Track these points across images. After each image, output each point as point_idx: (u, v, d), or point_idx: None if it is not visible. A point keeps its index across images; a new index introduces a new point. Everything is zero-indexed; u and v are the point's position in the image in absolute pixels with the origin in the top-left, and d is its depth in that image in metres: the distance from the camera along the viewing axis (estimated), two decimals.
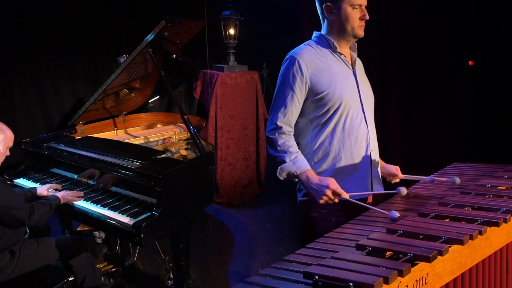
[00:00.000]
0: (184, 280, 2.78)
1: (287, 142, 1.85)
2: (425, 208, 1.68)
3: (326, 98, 1.85)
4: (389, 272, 1.14)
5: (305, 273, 1.19)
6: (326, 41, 1.92)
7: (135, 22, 4.52)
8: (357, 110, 1.92)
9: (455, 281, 1.43)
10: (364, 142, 1.94)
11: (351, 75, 1.94)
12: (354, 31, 1.86)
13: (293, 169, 1.81)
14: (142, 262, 3.31)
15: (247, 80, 4.58)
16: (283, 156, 1.83)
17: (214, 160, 3.00)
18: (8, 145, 2.40)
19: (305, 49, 1.90)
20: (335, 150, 1.89)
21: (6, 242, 2.30)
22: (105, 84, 3.06)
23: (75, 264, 2.55)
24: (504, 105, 3.30)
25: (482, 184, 1.94)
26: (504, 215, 1.54)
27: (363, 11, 1.83)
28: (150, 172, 2.44)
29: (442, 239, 1.35)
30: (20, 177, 2.98)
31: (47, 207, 2.38)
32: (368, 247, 1.32)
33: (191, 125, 2.87)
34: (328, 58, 1.90)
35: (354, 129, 1.91)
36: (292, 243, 3.64)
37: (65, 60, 4.22)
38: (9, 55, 3.92)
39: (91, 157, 2.77)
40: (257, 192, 4.77)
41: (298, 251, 1.43)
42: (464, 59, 3.49)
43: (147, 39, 2.90)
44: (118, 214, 2.44)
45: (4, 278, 2.28)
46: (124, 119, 3.62)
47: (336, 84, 1.86)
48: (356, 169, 1.92)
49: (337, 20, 1.86)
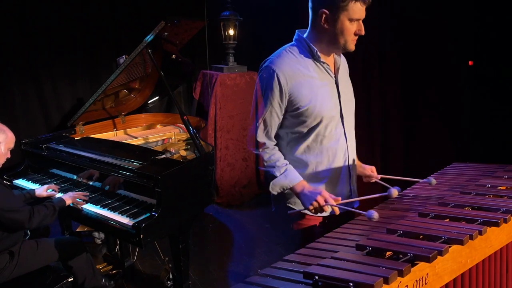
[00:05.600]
0: (184, 280, 2.78)
1: (272, 156, 1.81)
2: (425, 208, 1.67)
3: (305, 114, 1.76)
4: (389, 272, 1.14)
5: (305, 273, 1.19)
6: (309, 49, 1.78)
7: (135, 23, 4.51)
8: (337, 124, 1.84)
9: (455, 281, 1.43)
10: (342, 157, 1.88)
11: (333, 86, 1.84)
12: (346, 45, 1.75)
13: (286, 182, 1.78)
14: (142, 262, 3.31)
15: (247, 80, 4.58)
16: (272, 170, 1.80)
17: (214, 161, 3.00)
18: (9, 146, 2.39)
19: (284, 57, 1.77)
20: (312, 165, 1.84)
21: (5, 243, 2.29)
22: (104, 85, 3.06)
23: (75, 265, 2.54)
24: (504, 105, 3.28)
25: (482, 184, 1.93)
26: (504, 215, 1.54)
27: (360, 26, 1.72)
28: (149, 172, 2.44)
29: (442, 239, 1.35)
30: (20, 178, 2.98)
31: (50, 209, 2.35)
32: (368, 247, 1.32)
33: (191, 126, 2.87)
34: (309, 68, 1.78)
35: (332, 145, 1.84)
36: (291, 243, 3.62)
37: (65, 61, 4.21)
38: (10, 56, 3.90)
39: (90, 158, 2.77)
40: (257, 192, 4.77)
41: (298, 251, 1.42)
42: (464, 59, 3.45)
43: (147, 39, 2.89)
44: (118, 214, 2.44)
45: (4, 279, 2.27)
46: (123, 120, 3.62)
47: (316, 100, 1.76)
48: (333, 184, 1.88)
49: (331, 30, 1.72)
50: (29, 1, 3.93)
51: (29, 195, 2.60)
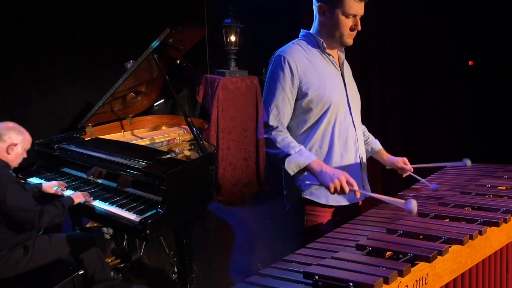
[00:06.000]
0: (188, 273, 2.80)
1: (286, 138, 1.71)
2: (425, 208, 1.61)
3: (315, 100, 1.73)
4: (389, 272, 1.10)
5: (305, 273, 1.15)
6: (315, 41, 1.79)
7: (135, 23, 4.42)
8: (345, 113, 1.81)
9: (455, 281, 1.38)
10: (353, 146, 1.83)
11: (339, 77, 1.82)
12: (342, 39, 1.74)
13: (301, 159, 1.66)
14: (148, 256, 3.32)
15: (247, 84, 4.60)
16: (287, 150, 1.68)
17: (216, 160, 3.02)
18: (25, 147, 2.42)
19: (293, 47, 1.78)
20: (324, 154, 1.78)
21: (20, 238, 2.32)
22: (113, 88, 3.08)
23: (85, 258, 2.55)
24: (504, 105, 3.18)
25: (482, 184, 1.88)
26: (504, 215, 1.49)
27: (355, 21, 1.70)
28: (155, 171, 2.46)
29: (442, 239, 1.31)
30: (33, 176, 3.00)
31: (59, 208, 2.37)
32: (368, 247, 1.28)
33: (194, 127, 2.88)
34: (316, 58, 1.77)
35: (343, 133, 1.79)
36: (290, 239, 3.64)
37: (69, 67, 4.14)
38: (19, 64, 3.86)
39: (99, 157, 2.79)
40: (257, 190, 4.78)
41: (298, 251, 1.37)
42: (464, 59, 3.36)
43: (153, 45, 2.91)
44: (125, 211, 2.45)
45: (19, 271, 2.30)
46: (130, 121, 3.63)
47: (325, 86, 1.74)
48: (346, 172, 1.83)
49: (327, 23, 1.74)
50: (29, 2, 3.83)
51: (36, 189, 2.62)
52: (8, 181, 2.23)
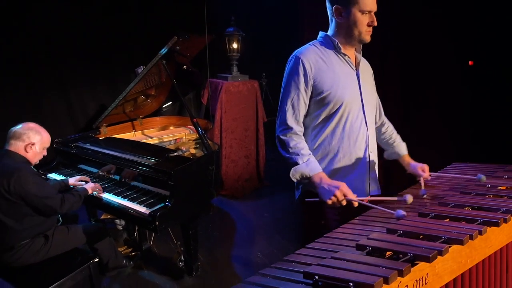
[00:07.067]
0: (193, 262, 2.84)
1: (298, 144, 1.70)
2: (425, 208, 1.54)
3: (328, 98, 1.71)
4: (389, 272, 1.04)
5: (305, 273, 1.09)
6: (331, 42, 1.76)
7: (146, 37, 4.47)
8: (358, 111, 1.77)
9: (455, 281, 1.31)
10: (363, 144, 1.79)
11: (354, 77, 1.78)
12: (360, 36, 1.71)
13: (306, 171, 1.65)
14: (157, 246, 3.33)
15: (248, 88, 4.63)
16: (296, 158, 1.67)
17: (219, 158, 3.04)
18: (44, 145, 2.43)
19: (309, 48, 1.76)
20: (334, 150, 1.75)
21: (41, 228, 2.35)
22: (125, 92, 3.10)
23: (100, 247, 2.59)
24: (504, 105, 3.03)
25: (482, 184, 1.79)
26: (504, 215, 1.42)
27: (371, 17, 1.68)
28: (164, 168, 2.48)
29: (442, 239, 1.24)
30: (52, 172, 3.04)
31: (76, 197, 2.42)
32: (368, 247, 1.21)
33: (200, 127, 2.91)
34: (332, 59, 1.74)
35: (354, 130, 1.76)
36: (287, 230, 3.67)
37: (87, 72, 4.16)
38: (41, 70, 3.90)
39: (113, 155, 2.82)
40: (257, 186, 4.80)
41: (298, 251, 1.30)
42: (464, 59, 3.21)
43: (161, 52, 2.93)
44: (136, 204, 2.48)
45: (40, 258, 2.34)
46: (141, 122, 3.65)
47: (338, 85, 1.71)
48: (354, 170, 1.78)
49: (345, 23, 1.70)
50: (54, 16, 3.90)
51: (64, 183, 2.68)
52: (29, 173, 2.27)
